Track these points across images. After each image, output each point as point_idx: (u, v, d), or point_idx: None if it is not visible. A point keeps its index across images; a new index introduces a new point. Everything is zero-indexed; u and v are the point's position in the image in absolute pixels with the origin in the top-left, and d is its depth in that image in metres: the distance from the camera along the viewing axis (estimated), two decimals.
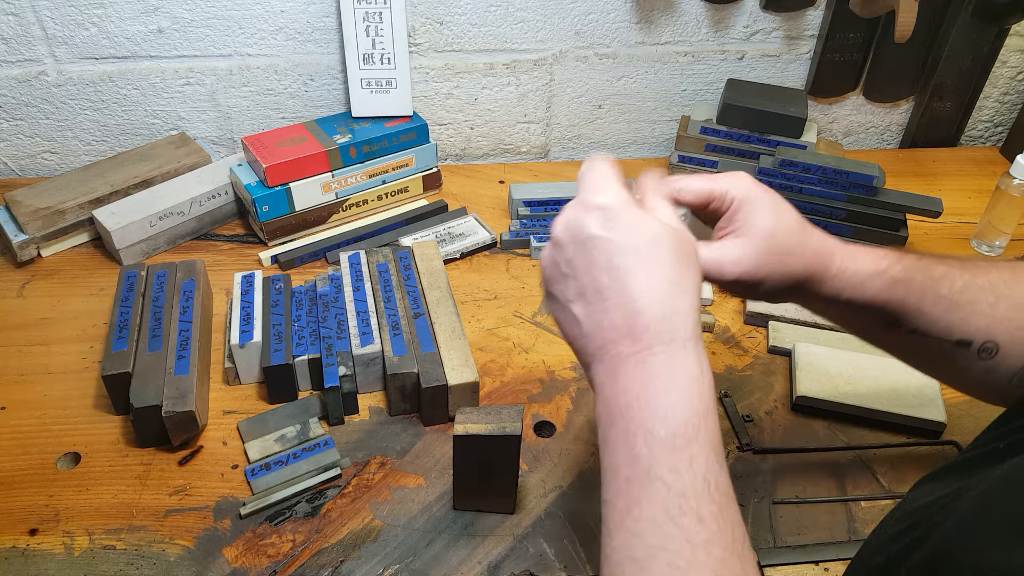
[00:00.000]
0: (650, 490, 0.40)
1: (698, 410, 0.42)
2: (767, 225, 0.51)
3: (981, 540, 0.37)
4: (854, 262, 0.52)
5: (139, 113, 1.06)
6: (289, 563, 0.63)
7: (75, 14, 0.97)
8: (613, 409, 0.44)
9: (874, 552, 0.47)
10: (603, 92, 1.14)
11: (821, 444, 0.75)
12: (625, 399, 0.43)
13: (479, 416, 0.61)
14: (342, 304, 0.80)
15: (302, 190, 0.94)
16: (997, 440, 0.46)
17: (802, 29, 1.11)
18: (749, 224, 0.51)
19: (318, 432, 0.73)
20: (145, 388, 0.70)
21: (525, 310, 0.89)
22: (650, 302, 0.44)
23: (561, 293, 0.48)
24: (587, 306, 0.46)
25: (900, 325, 0.53)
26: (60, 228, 0.93)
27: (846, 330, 0.58)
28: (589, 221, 0.46)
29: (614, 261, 0.45)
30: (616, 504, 0.42)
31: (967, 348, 0.52)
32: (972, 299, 0.51)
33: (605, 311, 0.45)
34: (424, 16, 1.03)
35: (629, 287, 0.44)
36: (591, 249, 0.45)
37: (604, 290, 0.45)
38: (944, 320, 0.52)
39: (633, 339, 0.44)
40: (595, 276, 0.45)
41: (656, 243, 0.45)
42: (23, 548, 0.63)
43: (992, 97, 1.22)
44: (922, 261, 0.53)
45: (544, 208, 1.01)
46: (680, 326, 0.43)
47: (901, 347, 0.56)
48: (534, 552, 0.64)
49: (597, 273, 0.45)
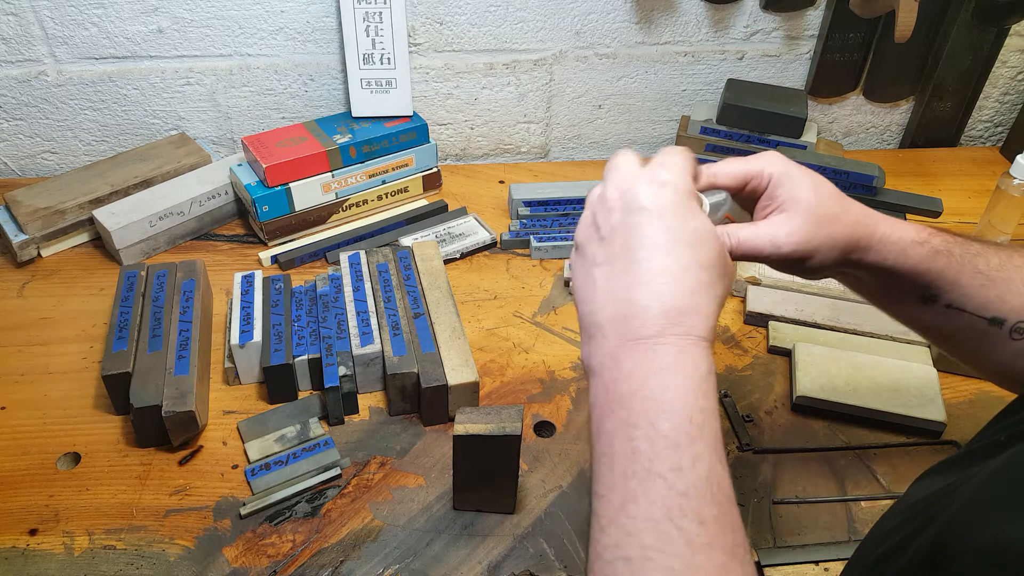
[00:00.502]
0: (649, 487, 0.39)
1: (704, 408, 0.41)
2: (810, 196, 0.51)
3: (984, 520, 0.37)
4: (896, 230, 0.52)
5: (139, 113, 1.06)
6: (289, 563, 0.63)
7: (75, 14, 0.97)
8: (612, 395, 0.43)
9: (873, 545, 0.47)
10: (603, 92, 1.14)
11: (821, 444, 0.75)
12: (628, 386, 0.42)
13: (479, 416, 0.61)
14: (342, 304, 0.80)
15: (302, 190, 0.94)
16: (998, 433, 0.46)
17: (802, 29, 1.11)
18: (793, 198, 0.51)
19: (318, 432, 0.73)
20: (145, 388, 0.70)
21: (525, 310, 0.89)
22: (677, 291, 0.43)
23: (591, 253, 0.47)
24: (611, 273, 0.45)
25: (937, 299, 0.52)
26: (60, 228, 0.93)
27: (883, 308, 0.58)
28: (648, 193, 0.46)
29: (657, 239, 0.44)
30: (610, 499, 0.41)
31: (1000, 327, 0.51)
32: (1008, 277, 0.51)
33: (628, 285, 0.44)
34: (424, 16, 1.03)
35: (661, 269, 0.44)
36: (639, 221, 0.45)
37: (635, 263, 0.44)
38: (980, 296, 0.51)
39: (647, 321, 0.43)
40: (632, 247, 0.45)
41: (702, 241, 0.45)
42: (23, 548, 0.63)
43: (992, 97, 1.22)
44: (959, 237, 0.53)
45: (544, 208, 1.01)
46: (698, 324, 0.43)
47: (935, 325, 0.55)
48: (534, 552, 0.64)
49: (636, 246, 0.45)
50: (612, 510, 0.40)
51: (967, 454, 0.46)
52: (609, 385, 0.43)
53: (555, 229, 0.99)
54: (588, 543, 0.42)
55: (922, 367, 0.80)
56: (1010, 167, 0.95)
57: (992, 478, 0.39)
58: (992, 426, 0.48)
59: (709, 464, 0.40)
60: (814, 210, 0.50)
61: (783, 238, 0.50)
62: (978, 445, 0.45)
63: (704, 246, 0.45)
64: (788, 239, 0.50)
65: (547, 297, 0.91)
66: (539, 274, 0.94)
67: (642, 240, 0.45)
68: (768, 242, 0.50)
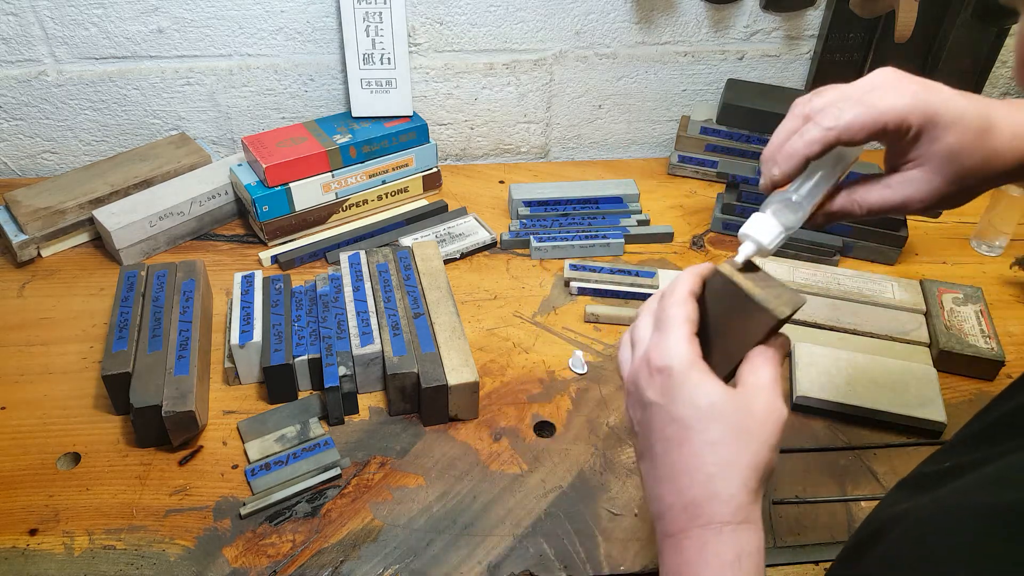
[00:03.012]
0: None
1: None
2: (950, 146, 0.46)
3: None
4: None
5: (139, 113, 1.06)
6: (289, 563, 0.63)
7: (75, 14, 0.97)
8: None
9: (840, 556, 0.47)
10: (603, 92, 1.14)
11: (821, 444, 0.75)
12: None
13: (760, 278, 0.48)
14: (342, 304, 0.80)
15: (302, 190, 0.94)
16: (951, 456, 0.44)
17: (802, 29, 1.11)
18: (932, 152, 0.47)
19: (318, 432, 0.73)
20: (145, 388, 0.70)
21: (525, 310, 0.89)
22: (690, 483, 0.43)
23: (635, 445, 0.48)
24: (646, 470, 0.46)
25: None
26: (60, 228, 0.93)
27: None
28: (649, 385, 0.45)
29: (667, 432, 0.44)
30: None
31: None
32: None
33: (656, 481, 0.45)
34: (424, 16, 1.03)
35: (675, 462, 0.44)
36: (650, 415, 0.45)
37: (657, 458, 0.45)
38: None
39: (673, 519, 0.44)
40: (652, 442, 0.45)
41: (708, 418, 0.43)
42: (23, 548, 0.63)
43: (992, 97, 1.22)
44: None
45: (544, 208, 1.01)
46: (718, 511, 0.42)
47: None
48: (534, 552, 0.64)
49: (654, 440, 0.45)
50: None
51: (920, 476, 0.45)
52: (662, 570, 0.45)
53: (555, 229, 0.99)
54: None
55: (922, 367, 0.80)
56: None
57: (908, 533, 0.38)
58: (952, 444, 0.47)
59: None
60: (957, 161, 0.46)
61: (917, 204, 0.47)
62: (931, 469, 0.44)
63: (713, 418, 0.43)
64: (923, 204, 0.47)
65: (547, 297, 0.91)
66: (539, 274, 0.94)
67: (655, 434, 0.45)
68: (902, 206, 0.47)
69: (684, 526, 0.43)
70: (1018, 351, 0.85)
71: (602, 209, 1.03)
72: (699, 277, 0.49)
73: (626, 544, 0.65)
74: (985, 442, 0.42)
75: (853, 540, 0.44)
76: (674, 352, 0.45)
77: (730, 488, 0.43)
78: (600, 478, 0.70)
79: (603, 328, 0.87)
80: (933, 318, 0.86)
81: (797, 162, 0.49)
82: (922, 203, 0.48)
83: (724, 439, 0.43)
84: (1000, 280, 0.96)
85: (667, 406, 0.44)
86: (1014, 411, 0.42)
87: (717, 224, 1.02)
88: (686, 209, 1.06)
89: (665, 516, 0.44)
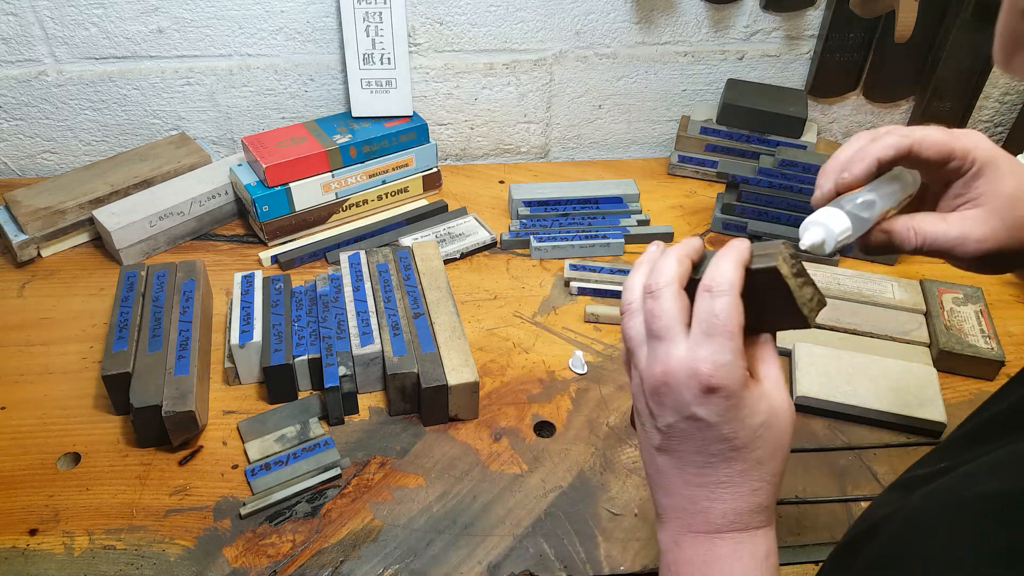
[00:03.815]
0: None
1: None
2: (1014, 192, 0.46)
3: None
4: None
5: (139, 113, 1.06)
6: (289, 563, 0.63)
7: (75, 14, 0.97)
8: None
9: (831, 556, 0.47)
10: (603, 92, 1.14)
11: (821, 444, 0.75)
12: (688, 570, 0.43)
13: (799, 275, 0.45)
14: (342, 304, 0.80)
15: (302, 190, 0.94)
16: (943, 459, 0.44)
17: (802, 29, 1.11)
18: (995, 193, 0.46)
19: (318, 432, 0.73)
20: (145, 388, 0.70)
21: (525, 310, 0.89)
22: (733, 496, 0.43)
23: (652, 435, 0.45)
24: (674, 466, 0.44)
25: None
26: (60, 228, 0.93)
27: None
28: (699, 402, 0.41)
29: (711, 448, 0.42)
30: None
31: None
32: None
33: (689, 483, 0.43)
34: (424, 16, 1.03)
35: (721, 477, 0.43)
36: (692, 429, 0.42)
37: (691, 465, 0.43)
38: None
39: (706, 520, 0.43)
40: (686, 450, 0.43)
41: (758, 438, 0.42)
42: (23, 548, 0.63)
43: (992, 97, 1.22)
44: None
45: (544, 208, 1.01)
46: (756, 517, 0.43)
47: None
48: (534, 552, 0.64)
49: (692, 450, 0.43)
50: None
51: (913, 477, 0.45)
52: (671, 566, 0.44)
53: (555, 229, 0.99)
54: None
55: (922, 367, 0.80)
56: None
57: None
58: (946, 445, 0.47)
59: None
60: (1013, 208, 0.46)
61: (974, 244, 0.46)
62: (924, 471, 0.44)
63: (760, 437, 0.42)
64: (980, 245, 0.46)
65: (547, 297, 0.91)
66: (539, 274, 0.94)
67: (695, 445, 0.43)
68: (958, 243, 0.46)
69: (719, 527, 0.43)
70: (1018, 351, 0.85)
71: (602, 209, 1.03)
72: (742, 266, 0.43)
73: (626, 544, 0.65)
74: (978, 442, 0.42)
75: (845, 539, 0.45)
76: (730, 373, 0.41)
77: (768, 499, 0.43)
78: (600, 478, 0.70)
79: (603, 328, 0.87)
80: (933, 318, 0.86)
81: (869, 164, 0.48)
82: (978, 243, 0.46)
83: (768, 456, 0.43)
84: (1000, 280, 0.96)
85: (719, 426, 0.41)
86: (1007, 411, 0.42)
87: (717, 224, 1.02)
88: (686, 209, 1.06)
89: (696, 516, 0.43)
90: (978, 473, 0.36)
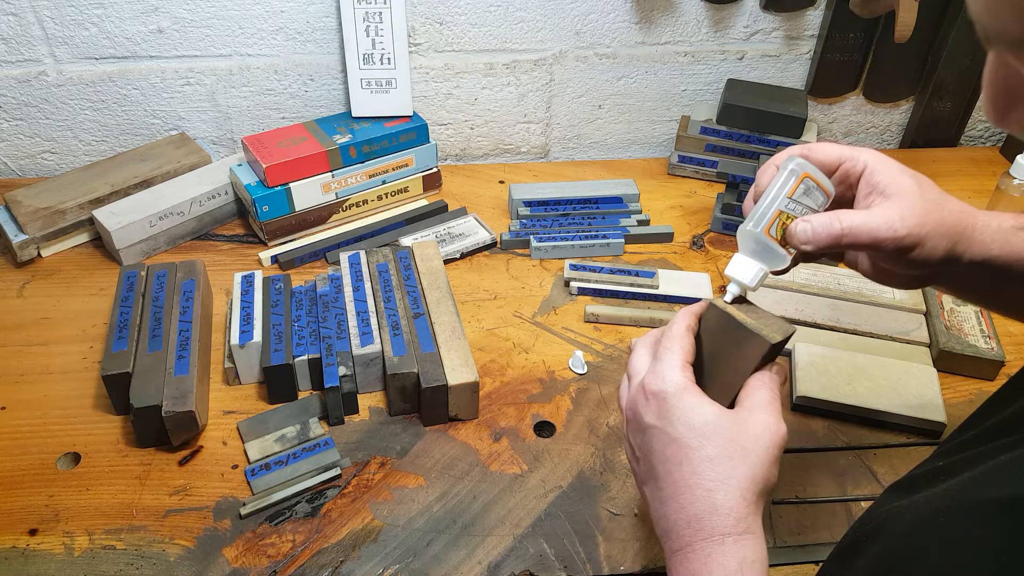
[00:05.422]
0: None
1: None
2: (912, 183, 0.49)
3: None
4: (995, 218, 0.51)
5: (139, 113, 1.06)
6: (289, 563, 0.63)
7: (75, 14, 0.97)
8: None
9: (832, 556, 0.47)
10: (603, 92, 1.14)
11: (821, 444, 0.75)
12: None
13: (748, 309, 0.53)
14: (342, 304, 0.80)
15: (302, 190, 0.94)
16: (939, 457, 0.45)
17: (802, 29, 1.11)
18: (896, 183, 0.49)
19: (318, 432, 0.73)
20: (145, 388, 0.70)
21: (525, 310, 0.89)
22: (692, 499, 0.46)
23: (635, 469, 0.51)
24: (650, 491, 0.49)
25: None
26: (60, 228, 0.93)
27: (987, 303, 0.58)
28: (646, 410, 0.49)
29: (666, 452, 0.47)
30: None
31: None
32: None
33: (661, 500, 0.48)
34: (424, 16, 1.03)
35: (676, 481, 0.46)
36: (650, 438, 0.48)
37: (659, 480, 0.48)
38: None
39: (678, 535, 0.46)
40: (653, 464, 0.48)
41: (703, 435, 0.46)
42: (23, 548, 0.63)
43: None
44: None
45: (544, 208, 1.01)
46: (719, 523, 0.45)
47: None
48: (534, 552, 0.64)
49: (655, 462, 0.48)
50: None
51: (913, 478, 0.45)
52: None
53: (555, 229, 0.99)
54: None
55: (922, 367, 0.80)
56: (1010, 167, 0.95)
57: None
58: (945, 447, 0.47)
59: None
60: (920, 195, 0.49)
61: (898, 221, 0.48)
62: (924, 472, 0.44)
63: (708, 436, 0.46)
64: (903, 222, 0.48)
65: (547, 297, 0.91)
66: (539, 274, 0.94)
67: (656, 455, 0.48)
68: (884, 225, 0.48)
69: (689, 540, 0.45)
70: (1018, 351, 0.85)
71: (602, 209, 1.03)
72: (694, 315, 0.53)
73: (626, 544, 0.65)
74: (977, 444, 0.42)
75: (846, 539, 0.45)
76: (668, 377, 0.49)
77: (729, 501, 0.45)
78: (600, 478, 0.70)
79: (603, 328, 0.87)
80: (933, 318, 0.86)
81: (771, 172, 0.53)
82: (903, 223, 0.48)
83: (720, 455, 0.46)
84: None
85: (665, 427, 0.47)
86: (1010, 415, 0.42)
87: (717, 224, 1.02)
88: (686, 209, 1.06)
89: (671, 533, 0.47)
90: (981, 478, 0.36)
